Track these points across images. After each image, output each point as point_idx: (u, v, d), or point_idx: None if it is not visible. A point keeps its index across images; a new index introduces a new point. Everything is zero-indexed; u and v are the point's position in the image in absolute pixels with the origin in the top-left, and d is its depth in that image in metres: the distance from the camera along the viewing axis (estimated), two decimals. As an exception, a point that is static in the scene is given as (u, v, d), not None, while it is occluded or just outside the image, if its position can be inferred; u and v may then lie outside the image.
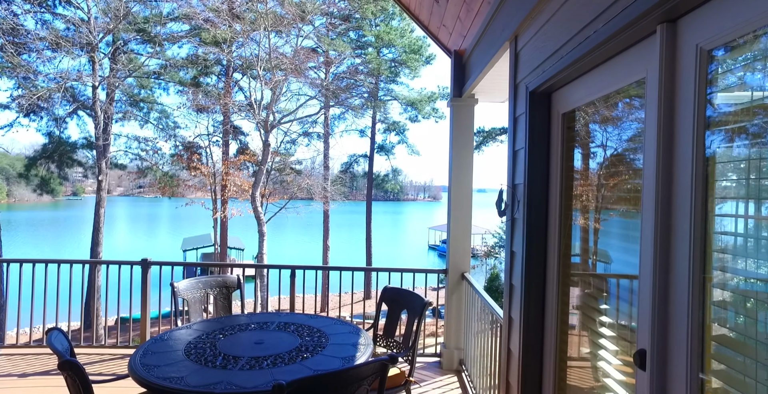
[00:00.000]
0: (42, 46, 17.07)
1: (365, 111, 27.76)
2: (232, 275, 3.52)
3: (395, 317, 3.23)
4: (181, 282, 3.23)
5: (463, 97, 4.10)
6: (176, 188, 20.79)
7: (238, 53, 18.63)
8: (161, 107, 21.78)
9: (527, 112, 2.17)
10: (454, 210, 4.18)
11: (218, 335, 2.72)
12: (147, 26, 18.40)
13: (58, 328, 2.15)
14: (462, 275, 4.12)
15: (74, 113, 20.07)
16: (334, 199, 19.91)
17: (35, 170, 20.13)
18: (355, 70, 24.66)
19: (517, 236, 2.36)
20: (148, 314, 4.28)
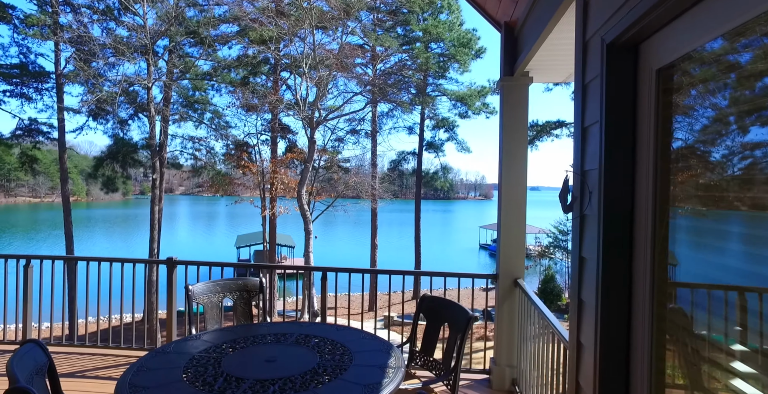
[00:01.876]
0: (107, 53, 17.92)
1: (413, 107, 27.24)
2: (255, 278, 3.17)
3: (435, 331, 2.75)
4: (196, 285, 2.92)
5: (516, 76, 3.52)
6: (228, 187, 21.29)
7: (285, 51, 18.74)
8: (214, 108, 22.41)
9: (603, 74, 1.63)
10: (505, 207, 3.62)
11: (227, 349, 2.37)
12: (199, 29, 18.89)
13: (34, 340, 1.85)
14: (515, 281, 3.56)
15: (135, 116, 21.02)
16: (382, 197, 19.56)
17: (102, 170, 21.28)
18: (402, 65, 24.16)
19: (588, 238, 1.82)
20: (174, 315, 4.06)
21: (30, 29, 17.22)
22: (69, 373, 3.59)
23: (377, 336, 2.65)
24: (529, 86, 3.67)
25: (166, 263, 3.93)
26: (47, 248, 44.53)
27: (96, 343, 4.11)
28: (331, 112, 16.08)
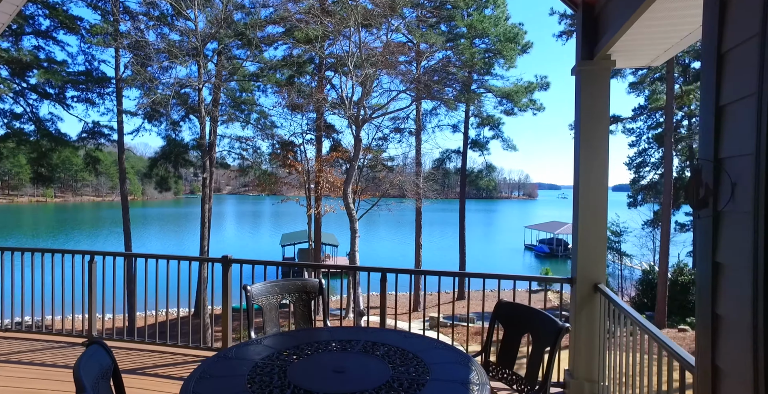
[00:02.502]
0: (161, 57, 18.60)
1: (458, 105, 26.72)
2: (314, 278, 2.99)
3: (514, 341, 2.46)
4: (254, 286, 2.77)
5: (596, 60, 3.16)
6: (274, 186, 21.64)
7: (329, 50, 18.81)
8: (260, 108, 22.86)
9: (763, 30, 1.30)
10: (583, 205, 3.26)
11: (291, 356, 2.19)
12: (247, 31, 19.28)
13: (98, 342, 1.74)
14: (595, 286, 3.20)
15: (186, 117, 21.76)
16: (427, 196, 19.22)
17: (156, 170, 22.16)
18: (446, 62, 23.70)
19: (729, 240, 1.49)
20: (229, 313, 3.97)
21: (94, 38, 18.14)
22: (130, 369, 3.57)
23: (451, 345, 2.40)
24: (611, 71, 3.30)
25: (221, 261, 3.84)
26: (108, 244, 47.07)
27: (155, 339, 4.09)
28: (376, 110, 15.94)
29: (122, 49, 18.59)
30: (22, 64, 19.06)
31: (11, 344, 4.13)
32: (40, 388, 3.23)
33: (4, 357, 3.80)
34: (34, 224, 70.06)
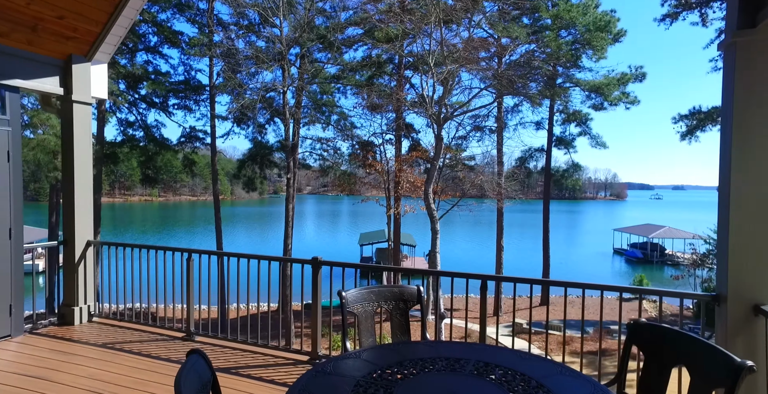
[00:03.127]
0: (250, 63, 19.63)
1: (542, 101, 25.34)
2: (412, 285, 2.75)
3: (662, 375, 2.02)
4: (350, 292, 2.59)
5: (761, 27, 2.56)
6: (354, 186, 21.95)
7: (409, 49, 18.65)
8: (340, 109, 23.34)
9: None
10: (737, 206, 2.66)
11: (395, 375, 1.95)
12: (328, 34, 19.74)
13: (198, 352, 1.62)
14: (756, 308, 2.60)
15: (271, 120, 22.82)
16: (510, 196, 18.35)
17: (244, 171, 23.47)
18: (530, 56, 22.54)
19: None
20: (319, 317, 3.86)
21: (192, 49, 19.59)
22: (224, 368, 3.60)
23: (579, 372, 2.02)
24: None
25: (311, 263, 3.75)
26: (203, 240, 50.94)
27: (246, 337, 4.12)
28: (458, 109, 15.47)
29: (216, 58, 19.88)
30: (135, 77, 21.14)
31: (124, 334, 4.39)
32: (146, 379, 3.36)
33: (119, 345, 4.05)
34: (142, 221, 78.10)
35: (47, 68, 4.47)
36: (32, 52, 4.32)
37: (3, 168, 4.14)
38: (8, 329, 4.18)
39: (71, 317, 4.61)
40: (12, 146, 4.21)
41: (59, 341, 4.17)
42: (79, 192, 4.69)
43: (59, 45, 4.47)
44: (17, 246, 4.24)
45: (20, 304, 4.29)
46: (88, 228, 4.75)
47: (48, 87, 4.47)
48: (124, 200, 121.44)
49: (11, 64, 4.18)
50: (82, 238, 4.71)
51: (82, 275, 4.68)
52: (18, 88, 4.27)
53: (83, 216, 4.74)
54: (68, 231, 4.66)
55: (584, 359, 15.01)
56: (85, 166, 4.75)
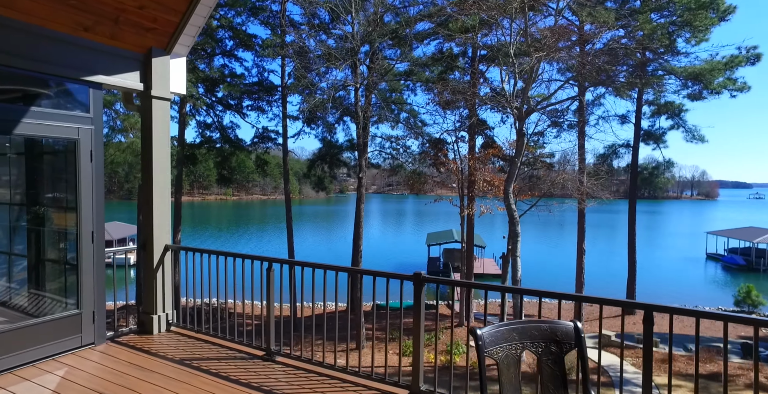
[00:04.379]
0: (320, 63, 19.62)
1: (630, 92, 23.14)
2: (567, 321, 2.04)
3: None
4: (485, 330, 1.93)
5: None
6: (423, 185, 21.30)
7: (483, 41, 17.65)
8: (409, 107, 22.78)
9: None
10: None
11: None
12: (399, 29, 19.23)
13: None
14: None
15: (341, 120, 22.75)
16: (596, 196, 16.76)
17: (314, 170, 23.64)
18: (617, 43, 20.57)
19: None
20: (421, 343, 3.25)
21: (265, 50, 19.94)
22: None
23: None
24: None
25: (413, 279, 3.14)
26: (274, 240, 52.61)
27: (333, 363, 3.60)
28: (540, 102, 14.27)
29: (288, 58, 20.07)
30: (212, 81, 21.97)
31: (202, 348, 4.07)
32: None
33: (197, 363, 3.71)
34: (218, 219, 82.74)
35: (128, 63, 4.24)
36: (114, 47, 4.10)
37: (86, 168, 3.94)
38: (92, 336, 3.99)
39: (150, 326, 4.36)
40: (95, 146, 4.00)
41: (138, 353, 3.91)
42: (158, 193, 4.43)
43: (139, 38, 4.22)
44: (99, 250, 4.04)
45: (103, 310, 4.09)
46: (166, 231, 4.49)
47: (129, 83, 4.24)
48: (202, 198, 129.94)
49: (95, 59, 3.97)
50: (160, 242, 4.45)
51: (161, 282, 4.43)
52: (101, 85, 4.06)
53: (161, 219, 4.48)
54: (146, 234, 4.42)
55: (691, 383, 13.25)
56: (164, 166, 4.49)
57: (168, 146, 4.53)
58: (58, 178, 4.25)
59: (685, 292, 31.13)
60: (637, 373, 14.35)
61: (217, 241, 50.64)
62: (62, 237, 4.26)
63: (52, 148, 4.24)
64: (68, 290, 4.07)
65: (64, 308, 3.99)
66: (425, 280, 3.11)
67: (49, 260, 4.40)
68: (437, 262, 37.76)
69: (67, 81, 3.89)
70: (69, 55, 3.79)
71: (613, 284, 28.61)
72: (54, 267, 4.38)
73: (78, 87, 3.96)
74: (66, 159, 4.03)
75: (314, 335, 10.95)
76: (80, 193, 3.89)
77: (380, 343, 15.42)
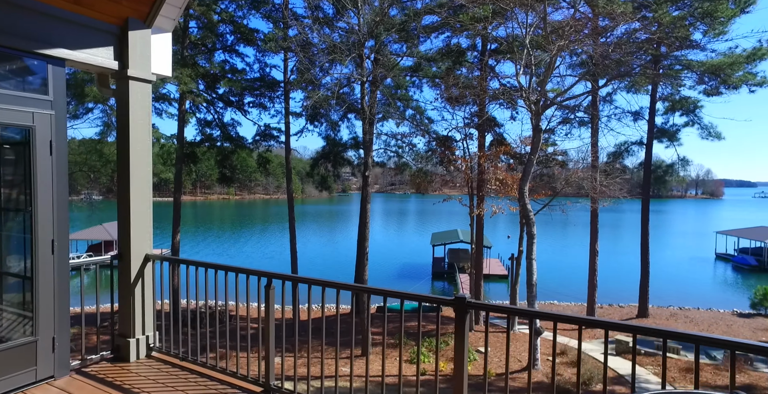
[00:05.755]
0: (323, 59, 18.88)
1: (644, 87, 22.36)
2: None
3: None
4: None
5: None
6: (429, 184, 20.55)
7: (495, 34, 16.87)
8: (415, 104, 22.02)
9: None
10: None
11: None
12: (406, 22, 18.49)
13: None
14: None
15: (345, 117, 22.02)
16: (612, 195, 15.99)
17: (317, 169, 22.91)
18: (632, 35, 19.74)
19: None
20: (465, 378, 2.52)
21: (267, 44, 19.22)
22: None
23: None
24: None
25: (454, 304, 2.41)
26: (277, 241, 51.84)
27: None
28: (558, 95, 13.48)
29: (290, 52, 19.36)
30: (213, 77, 21.27)
31: (188, 382, 3.34)
32: None
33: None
34: (221, 219, 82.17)
35: (100, 36, 3.52)
36: (80, 15, 3.37)
37: (45, 163, 3.22)
38: (51, 368, 3.27)
39: (126, 352, 3.64)
40: (56, 135, 3.29)
41: (107, 389, 3.18)
42: (137, 192, 3.70)
43: (112, 5, 3.50)
44: (62, 263, 3.32)
45: (65, 335, 3.37)
46: (147, 238, 3.77)
47: (100, 60, 3.52)
48: (204, 198, 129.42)
49: (56, 30, 3.25)
50: (139, 250, 3.73)
51: (140, 298, 3.71)
52: (63, 61, 3.34)
53: (141, 222, 3.75)
54: (123, 242, 3.70)
55: None
56: (143, 160, 3.76)
57: (149, 136, 3.81)
58: (9, 175, 3.44)
59: (697, 293, 30.32)
60: (659, 383, 13.58)
61: (217, 242, 49.93)
62: (14, 246, 3.49)
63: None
64: (21, 312, 3.33)
65: (15, 334, 3.26)
66: (471, 305, 2.38)
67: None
68: (442, 262, 37.07)
69: (18, 54, 3.16)
70: (21, 23, 3.07)
71: (626, 286, 27.84)
72: (2, 284, 3.61)
73: (34, 63, 3.23)
74: (22, 151, 3.31)
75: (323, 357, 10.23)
76: (36, 193, 3.17)
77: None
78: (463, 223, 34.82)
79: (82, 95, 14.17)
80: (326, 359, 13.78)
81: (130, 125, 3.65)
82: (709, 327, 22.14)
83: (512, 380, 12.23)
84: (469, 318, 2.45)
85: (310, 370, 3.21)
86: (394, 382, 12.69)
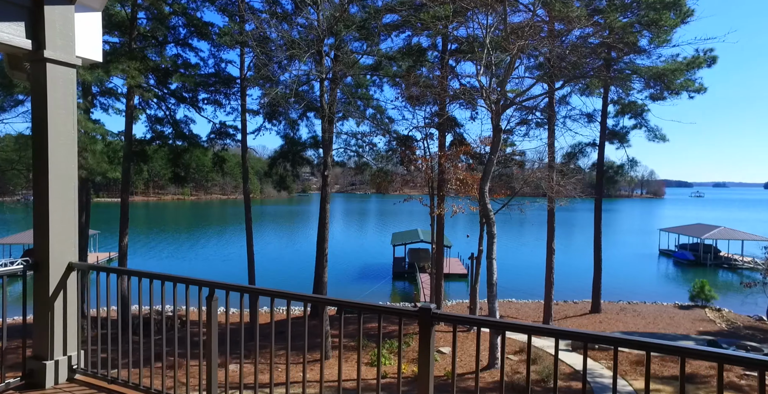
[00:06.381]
0: (282, 55, 18.30)
1: (596, 90, 23.17)
2: None
3: None
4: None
5: None
6: (390, 184, 20.40)
7: (456, 33, 16.90)
8: (376, 103, 21.78)
9: None
10: None
11: None
12: (366, 21, 18.22)
13: None
14: None
15: (304, 115, 21.48)
16: (570, 195, 16.38)
17: (275, 169, 22.24)
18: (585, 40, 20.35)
19: None
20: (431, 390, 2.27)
21: (223, 38, 18.45)
22: None
23: None
24: None
25: (419, 316, 2.15)
26: (234, 243, 50.28)
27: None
28: (517, 96, 13.60)
29: (247, 47, 18.68)
30: (164, 71, 20.20)
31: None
32: None
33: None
34: (174, 220, 78.93)
35: (6, 9, 3.03)
36: (-17, -15, 2.89)
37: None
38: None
39: (42, 376, 3.15)
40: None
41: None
42: (57, 193, 3.23)
43: (24, -25, 3.03)
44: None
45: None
46: (71, 244, 3.29)
47: (7, 36, 3.03)
48: (158, 198, 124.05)
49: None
50: (61, 258, 3.25)
51: (61, 314, 3.23)
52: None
53: (62, 228, 3.27)
54: (40, 250, 3.21)
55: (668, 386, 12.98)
56: (65, 156, 3.28)
57: (73, 129, 3.34)
58: None
59: (643, 288, 31.83)
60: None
61: (174, 244, 47.85)
62: None
63: None
64: None
65: None
66: (436, 318, 2.13)
67: None
68: (402, 262, 37.08)
69: None
70: None
71: (580, 283, 28.79)
72: None
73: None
74: None
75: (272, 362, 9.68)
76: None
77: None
78: (423, 223, 35.00)
79: (11, 86, 12.99)
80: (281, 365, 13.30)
81: (48, 115, 3.17)
82: (654, 320, 23.20)
83: (472, 380, 12.23)
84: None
85: (258, 378, 2.86)
86: (353, 386, 12.41)
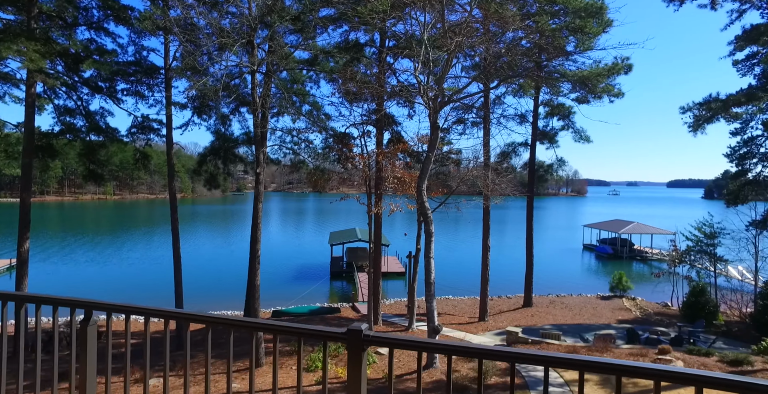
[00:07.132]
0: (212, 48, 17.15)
1: (529, 91, 24.06)
2: None
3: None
4: None
5: None
6: (327, 182, 19.86)
7: (392, 31, 16.70)
8: (312, 99, 21.10)
9: None
10: None
11: None
12: (302, 15, 17.52)
13: None
14: None
15: (236, 110, 20.35)
16: (504, 193, 16.76)
17: (205, 166, 20.89)
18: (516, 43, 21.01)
19: None
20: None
21: (143, 23, 16.96)
22: None
23: None
24: None
25: (347, 339, 1.76)
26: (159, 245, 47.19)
27: None
28: (454, 94, 13.62)
29: (172, 35, 17.32)
30: (74, 57, 18.21)
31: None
32: None
33: None
34: (95, 221, 72.71)
35: None
36: None
37: None
38: None
39: None
40: None
41: None
42: None
43: None
44: None
45: None
46: None
47: None
48: (75, 198, 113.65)
49: None
50: None
51: None
52: None
53: None
54: None
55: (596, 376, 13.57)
56: None
57: None
58: None
59: (570, 281, 33.72)
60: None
61: (96, 249, 43.92)
62: None
63: None
64: None
65: None
66: (367, 341, 1.75)
67: None
68: (340, 262, 36.61)
69: None
70: None
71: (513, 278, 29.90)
72: None
73: None
74: None
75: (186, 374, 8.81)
76: None
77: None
78: (361, 221, 34.75)
79: None
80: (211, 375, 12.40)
81: None
82: (580, 311, 24.55)
83: (410, 381, 12.07)
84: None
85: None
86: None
